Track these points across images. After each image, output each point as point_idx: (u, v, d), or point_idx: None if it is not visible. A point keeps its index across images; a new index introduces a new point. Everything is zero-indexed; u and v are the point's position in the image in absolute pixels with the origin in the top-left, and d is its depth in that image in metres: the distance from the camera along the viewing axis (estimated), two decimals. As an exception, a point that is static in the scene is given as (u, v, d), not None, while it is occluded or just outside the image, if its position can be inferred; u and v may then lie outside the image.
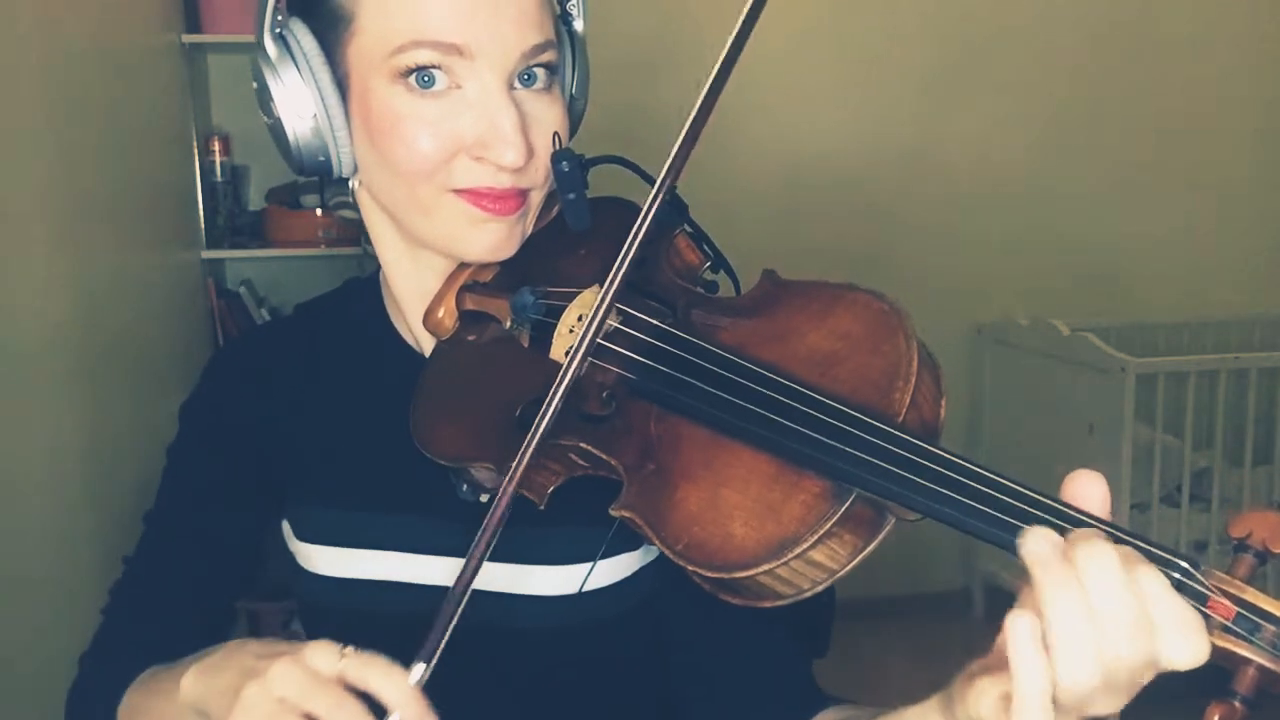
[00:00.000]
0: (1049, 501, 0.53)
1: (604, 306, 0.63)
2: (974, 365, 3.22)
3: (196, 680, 0.66)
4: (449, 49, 0.71)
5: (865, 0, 3.10)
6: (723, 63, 0.63)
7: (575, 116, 0.83)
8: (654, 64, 2.94)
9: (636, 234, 0.63)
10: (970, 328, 3.23)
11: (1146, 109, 3.27)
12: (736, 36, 0.63)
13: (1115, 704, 0.49)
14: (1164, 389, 2.67)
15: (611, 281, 0.63)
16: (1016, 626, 0.49)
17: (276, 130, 0.76)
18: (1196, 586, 0.48)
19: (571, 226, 0.77)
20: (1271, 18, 3.31)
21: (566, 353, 0.70)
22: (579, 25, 0.83)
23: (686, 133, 0.63)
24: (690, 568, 0.58)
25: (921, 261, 3.18)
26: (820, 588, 0.57)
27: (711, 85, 0.63)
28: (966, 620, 3.16)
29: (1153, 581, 0.48)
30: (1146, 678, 0.49)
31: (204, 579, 0.86)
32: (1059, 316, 2.95)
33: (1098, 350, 2.67)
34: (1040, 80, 3.20)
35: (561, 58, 0.80)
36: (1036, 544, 0.50)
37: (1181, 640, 0.47)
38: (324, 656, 0.58)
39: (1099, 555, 0.48)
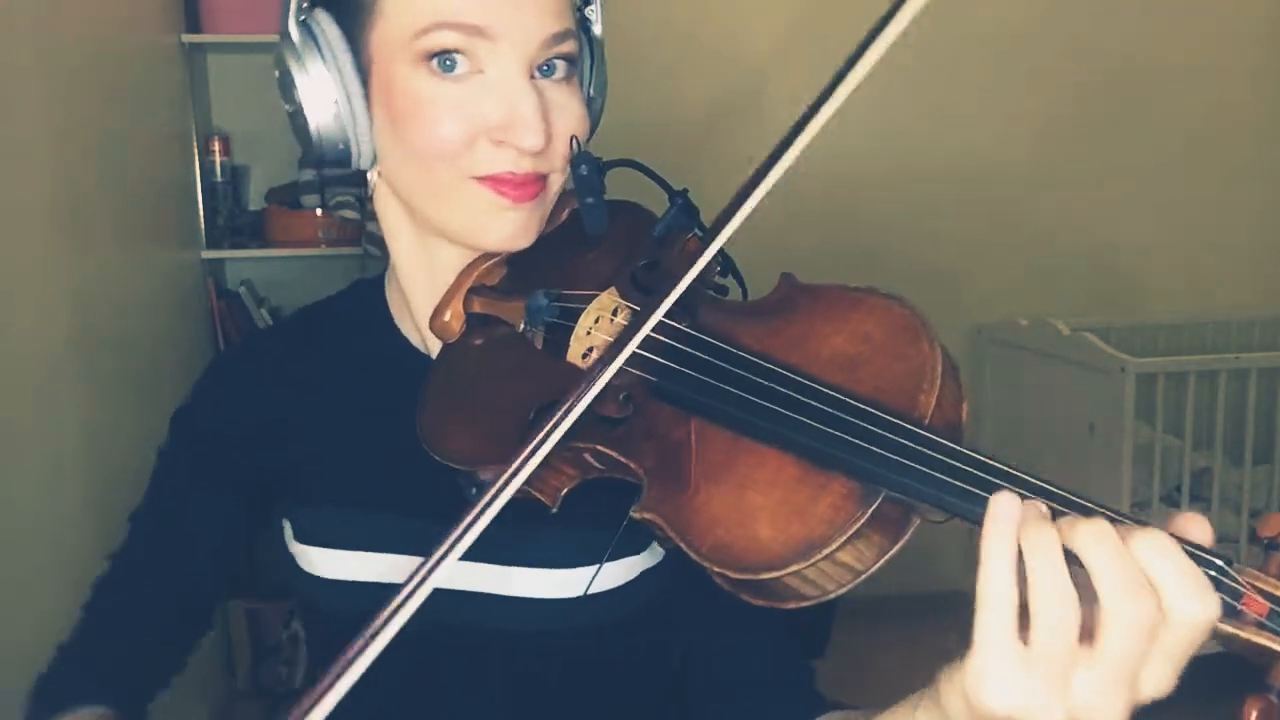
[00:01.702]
0: (1083, 501, 0.52)
1: (639, 335, 0.62)
2: (974, 365, 3.22)
3: None
4: (471, 30, 0.71)
5: (868, 4, 3.10)
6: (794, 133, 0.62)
7: (593, 117, 0.83)
8: (671, 67, 2.95)
9: (683, 277, 0.62)
10: (970, 328, 3.23)
11: (1147, 110, 3.27)
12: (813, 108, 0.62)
13: (1116, 703, 0.48)
14: (1164, 389, 2.67)
15: (643, 318, 0.62)
16: (996, 502, 0.49)
17: (297, 119, 0.76)
18: (1230, 583, 0.48)
19: (589, 230, 0.77)
20: (1273, 23, 3.31)
21: (584, 356, 0.70)
22: (597, 29, 0.83)
23: (742, 194, 0.63)
24: (715, 569, 0.57)
25: (922, 262, 3.18)
26: (845, 589, 0.56)
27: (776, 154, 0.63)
28: (966, 620, 3.16)
29: (1152, 543, 0.47)
30: (1151, 682, 0.48)
31: (183, 584, 0.88)
32: (1059, 316, 2.95)
33: (1098, 350, 2.67)
34: (1041, 82, 3.20)
35: (580, 59, 0.80)
36: (1007, 501, 0.49)
37: (1187, 593, 0.46)
38: None
39: (1090, 523, 0.48)
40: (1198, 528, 0.50)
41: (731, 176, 0.63)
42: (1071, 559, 0.48)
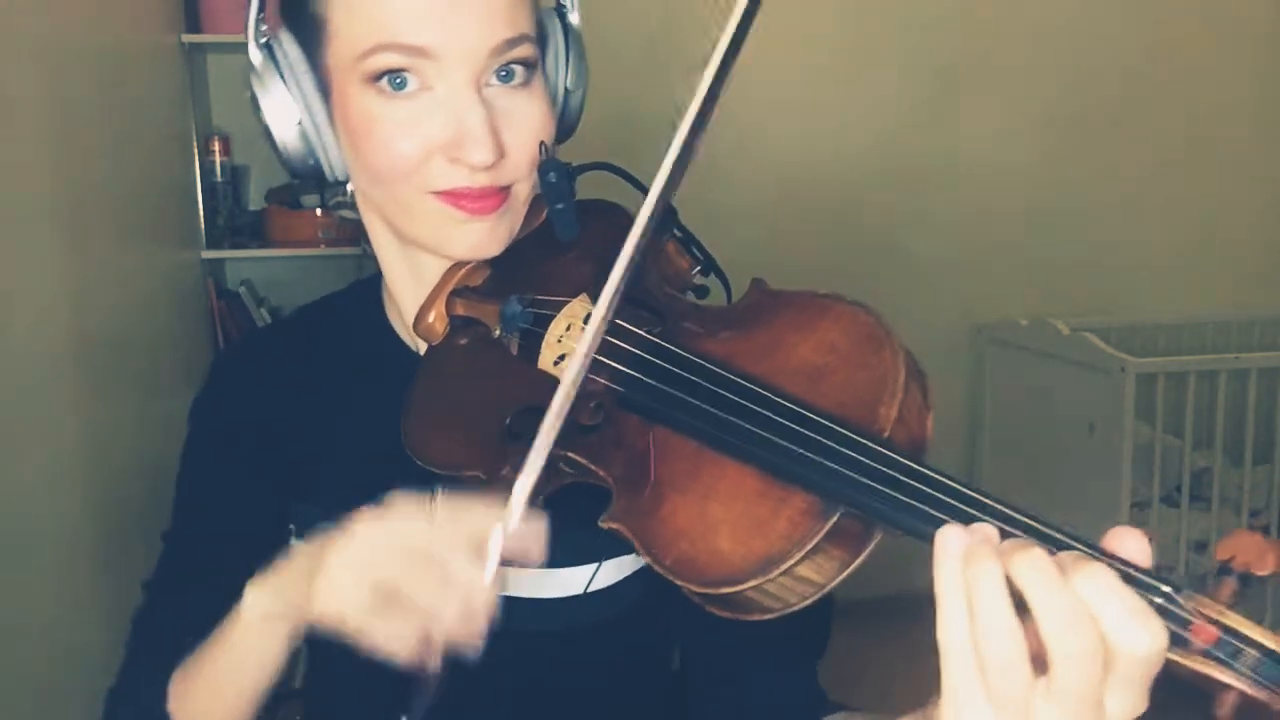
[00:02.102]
0: (1039, 525, 0.51)
1: (593, 340, 0.62)
2: (974, 365, 3.22)
3: (260, 587, 0.71)
4: (414, 51, 0.71)
5: (867, 4, 3.10)
6: (710, 85, 0.61)
7: (573, 110, 0.83)
8: (656, 65, 2.94)
9: (625, 268, 0.62)
10: (970, 328, 3.23)
11: (1147, 110, 3.27)
12: (723, 59, 0.61)
13: None
14: (1164, 389, 2.67)
15: (603, 314, 0.62)
16: (942, 539, 0.48)
17: (269, 136, 0.77)
18: (1178, 611, 0.47)
19: (560, 237, 0.76)
20: (1271, 24, 3.31)
21: (555, 363, 0.70)
22: (574, 18, 0.82)
23: (675, 162, 0.61)
24: (678, 582, 0.57)
25: (922, 261, 3.18)
26: (808, 602, 0.56)
27: (701, 106, 0.62)
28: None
29: (1092, 577, 0.45)
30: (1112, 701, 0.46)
31: (234, 582, 0.83)
32: (1059, 316, 2.95)
33: (1098, 350, 2.67)
34: (1041, 81, 3.20)
35: (554, 51, 0.80)
36: (953, 538, 0.48)
37: (1131, 627, 0.45)
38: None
39: (1028, 550, 0.46)
40: (1135, 543, 0.48)
41: (711, 174, 0.63)
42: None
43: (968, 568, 0.47)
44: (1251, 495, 2.80)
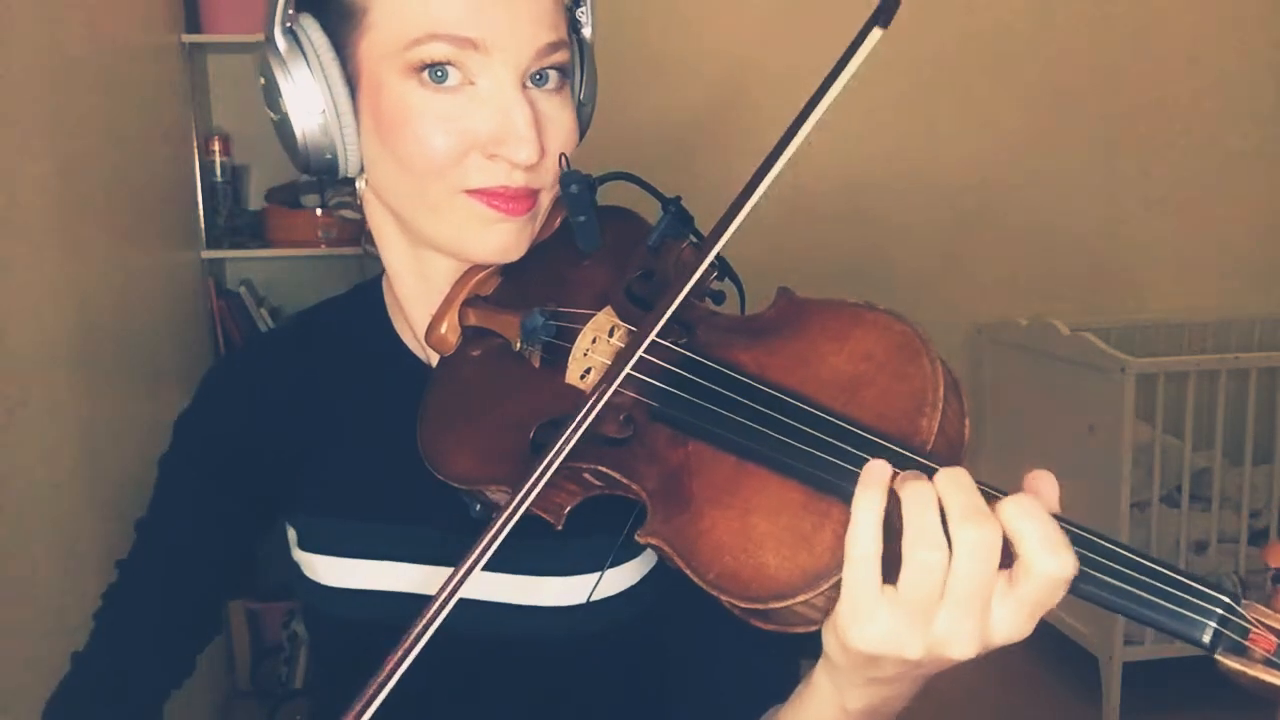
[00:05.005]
0: (1078, 530, 0.52)
1: (632, 360, 0.61)
2: (974, 365, 3.22)
3: None
4: (464, 43, 0.70)
5: (853, 12, 3.10)
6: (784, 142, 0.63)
7: (582, 122, 0.82)
8: (672, 76, 2.95)
9: (675, 297, 0.62)
10: (970, 328, 3.23)
11: (1147, 110, 3.27)
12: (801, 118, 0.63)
13: (967, 634, 0.51)
14: (1164, 389, 2.66)
15: (642, 337, 0.61)
16: (869, 468, 0.53)
17: (283, 127, 0.75)
18: (1238, 620, 0.48)
19: (582, 248, 0.75)
20: (1270, 24, 3.31)
21: (582, 377, 0.69)
22: (587, 32, 0.82)
23: (736, 204, 0.64)
24: (724, 598, 0.56)
25: (921, 261, 3.18)
26: None
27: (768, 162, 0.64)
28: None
29: (1019, 500, 0.52)
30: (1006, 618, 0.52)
31: (193, 588, 0.87)
32: (1059, 316, 2.94)
33: (1098, 350, 2.67)
34: (1041, 81, 3.20)
35: (571, 64, 0.80)
36: (881, 466, 0.53)
37: (1047, 550, 0.50)
38: None
39: (949, 471, 0.52)
40: (1047, 485, 0.54)
41: (721, 184, 0.63)
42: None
43: (905, 488, 0.52)
44: (1251, 495, 2.79)
